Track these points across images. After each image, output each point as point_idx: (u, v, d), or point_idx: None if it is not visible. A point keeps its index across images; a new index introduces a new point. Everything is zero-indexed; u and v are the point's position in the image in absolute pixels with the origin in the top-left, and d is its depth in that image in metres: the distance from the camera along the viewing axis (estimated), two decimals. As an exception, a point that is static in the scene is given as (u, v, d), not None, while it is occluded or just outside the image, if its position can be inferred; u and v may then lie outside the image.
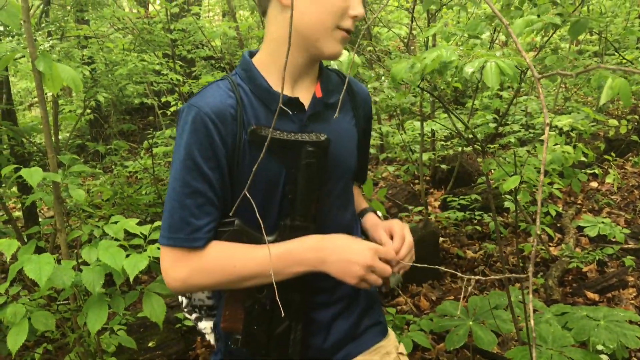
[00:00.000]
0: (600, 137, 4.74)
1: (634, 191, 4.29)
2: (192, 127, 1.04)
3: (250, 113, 1.08)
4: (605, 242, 3.50)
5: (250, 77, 1.11)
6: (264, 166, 1.06)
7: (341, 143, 1.16)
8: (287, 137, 1.08)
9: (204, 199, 1.05)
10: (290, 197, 1.10)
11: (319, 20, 1.05)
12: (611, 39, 6.69)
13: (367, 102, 1.31)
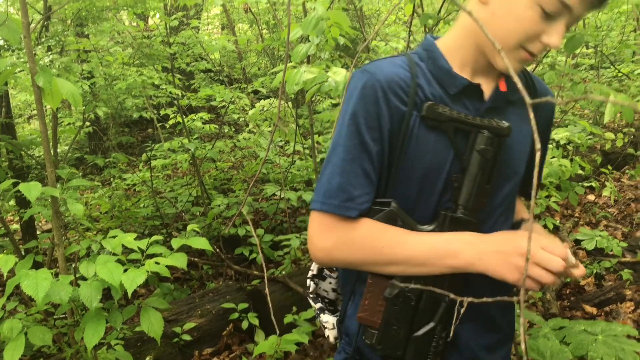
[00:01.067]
0: (597, 150, 4.76)
1: (631, 204, 4.30)
2: (361, 93, 0.99)
3: (425, 90, 1.01)
4: (603, 256, 3.50)
5: (431, 57, 1.04)
6: (431, 147, 1.00)
7: (516, 143, 1.07)
8: (464, 119, 1.00)
9: (362, 168, 0.99)
10: (456, 185, 1.01)
11: (505, 33, 0.96)
12: (607, 52, 6.75)
13: (549, 106, 1.19)
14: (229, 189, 4.85)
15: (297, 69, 1.95)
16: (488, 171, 1.00)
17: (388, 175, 1.02)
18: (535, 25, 0.93)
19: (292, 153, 4.28)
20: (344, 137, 0.99)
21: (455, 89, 1.01)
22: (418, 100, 1.00)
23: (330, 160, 1.01)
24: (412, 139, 0.99)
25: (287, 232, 3.88)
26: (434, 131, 0.99)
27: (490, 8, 0.96)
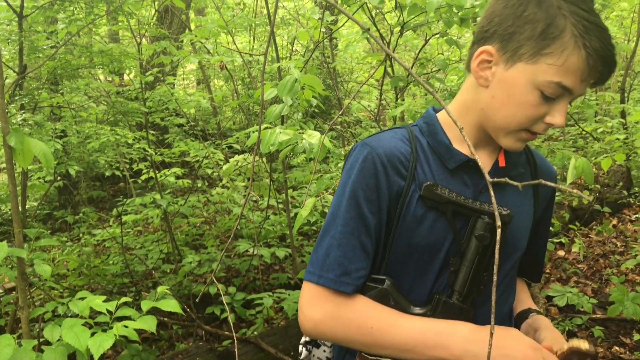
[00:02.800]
0: (565, 207, 4.87)
1: (600, 260, 4.37)
2: (361, 166, 0.99)
3: (423, 166, 1.02)
4: (574, 312, 3.53)
5: (431, 131, 1.06)
6: (428, 225, 0.99)
7: (517, 220, 1.05)
8: (464, 202, 0.99)
9: (360, 242, 0.99)
10: (452, 269, 0.99)
11: (506, 116, 0.96)
12: (571, 111, 7.01)
13: (550, 187, 1.16)
14: (201, 244, 4.79)
15: (273, 130, 1.98)
16: (486, 258, 0.98)
17: (384, 250, 1.02)
18: (536, 109, 0.93)
19: (265, 208, 4.28)
20: (343, 209, 1.00)
21: (454, 164, 1.02)
22: (417, 175, 1.01)
23: (328, 232, 1.01)
24: (409, 215, 0.99)
25: (260, 290, 3.83)
26: (432, 211, 0.99)
27: (490, 91, 0.97)
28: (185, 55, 4.23)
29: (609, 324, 3.43)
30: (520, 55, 0.91)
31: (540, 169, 1.14)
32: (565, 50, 0.88)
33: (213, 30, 4.26)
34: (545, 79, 0.90)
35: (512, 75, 0.93)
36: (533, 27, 0.90)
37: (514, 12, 0.92)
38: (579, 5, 0.89)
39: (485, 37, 0.96)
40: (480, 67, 0.96)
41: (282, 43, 8.53)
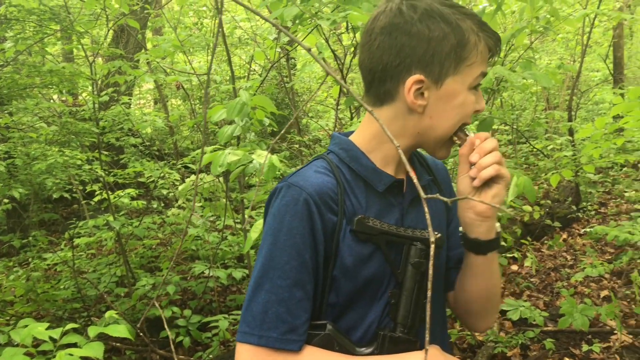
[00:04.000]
0: (517, 222, 4.99)
1: (551, 274, 4.50)
2: (294, 210, 0.93)
3: (350, 197, 0.98)
4: (527, 326, 3.60)
5: (353, 156, 1.02)
6: (365, 262, 0.96)
7: (439, 229, 1.07)
8: (396, 231, 0.97)
9: (303, 292, 0.92)
10: (393, 302, 0.97)
11: (448, 126, 0.99)
12: (522, 129, 7.25)
13: (447, 179, 1.20)
14: (156, 267, 4.69)
15: (222, 151, 1.97)
16: (425, 284, 0.97)
17: (322, 291, 0.97)
18: (472, 103, 0.99)
19: (222, 229, 4.23)
20: (279, 259, 0.92)
21: (383, 186, 1.01)
22: (346, 209, 0.97)
23: (263, 286, 0.92)
24: (344, 250, 0.96)
25: (216, 312, 3.77)
26: (367, 244, 0.97)
27: (427, 114, 0.98)
28: (140, 74, 4.19)
29: (560, 336, 3.51)
30: (446, 71, 0.95)
31: (434, 168, 1.17)
32: (477, 46, 0.96)
33: (168, 50, 4.24)
34: (473, 77, 0.97)
35: (446, 90, 0.96)
36: (447, 42, 0.94)
37: (423, 37, 0.93)
38: (457, 7, 0.96)
39: (400, 70, 0.96)
40: (415, 96, 0.96)
41: (240, 62, 8.54)
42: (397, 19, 0.94)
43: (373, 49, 0.97)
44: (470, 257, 1.06)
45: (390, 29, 0.95)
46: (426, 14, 0.93)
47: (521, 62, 2.48)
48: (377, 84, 0.99)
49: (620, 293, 4.06)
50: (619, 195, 6.23)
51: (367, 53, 0.98)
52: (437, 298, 1.09)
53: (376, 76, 0.98)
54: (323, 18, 2.74)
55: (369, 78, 1.00)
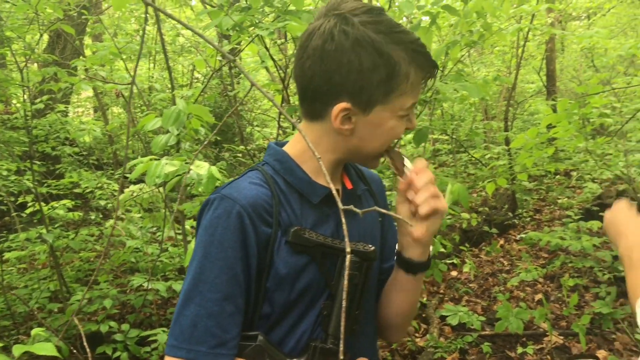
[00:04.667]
0: (456, 229, 5.13)
1: (489, 279, 4.63)
2: (226, 222, 0.91)
3: (286, 208, 0.98)
4: (466, 330, 3.69)
5: (287, 168, 1.02)
6: (300, 273, 0.96)
7: (373, 238, 1.09)
8: (331, 243, 0.97)
9: (234, 306, 0.92)
10: (325, 313, 0.97)
11: (379, 146, 1.00)
12: (461, 139, 7.47)
13: (381, 188, 1.22)
14: (94, 280, 4.53)
15: (158, 162, 1.93)
16: (357, 296, 0.98)
17: (255, 303, 0.97)
18: (402, 127, 1.00)
19: (161, 240, 4.14)
20: (210, 273, 0.91)
21: (317, 198, 1.01)
22: (282, 220, 0.97)
23: (192, 300, 0.91)
24: (279, 262, 0.95)
25: (156, 325, 3.67)
26: (302, 255, 0.97)
27: (356, 135, 0.99)
28: (76, 82, 4.06)
29: (497, 340, 3.62)
30: (375, 101, 0.95)
31: (369, 179, 1.19)
32: (409, 76, 0.96)
33: (106, 57, 4.13)
34: (403, 107, 0.97)
35: (373, 118, 0.97)
36: (377, 74, 0.93)
37: (353, 67, 0.93)
38: (394, 30, 0.94)
39: (329, 95, 0.96)
40: (342, 121, 0.97)
41: (183, 70, 8.42)
42: (329, 45, 0.93)
43: (305, 68, 0.97)
44: (400, 274, 1.08)
45: (321, 53, 0.94)
46: (357, 43, 0.92)
47: (453, 75, 2.55)
48: (309, 102, 1.01)
49: (553, 296, 4.23)
50: (552, 202, 6.51)
51: (300, 70, 0.99)
52: (369, 309, 1.10)
53: (307, 95, 1.00)
54: (262, 27, 2.75)
55: (301, 93, 1.01)
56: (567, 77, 9.55)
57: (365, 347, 1.07)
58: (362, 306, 1.01)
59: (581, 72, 9.42)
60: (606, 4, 8.95)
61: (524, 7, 4.70)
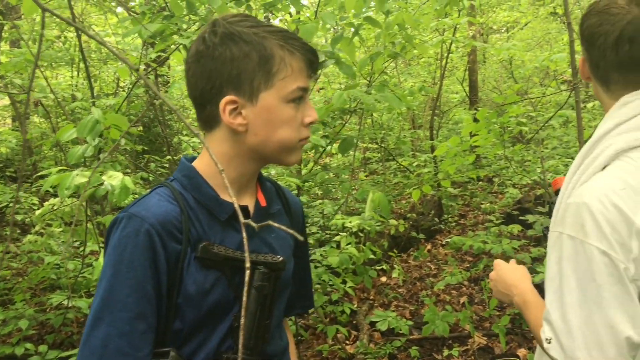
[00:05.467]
0: (385, 235, 5.23)
1: (417, 283, 4.75)
2: (135, 241, 0.92)
3: (195, 225, 0.99)
4: (394, 335, 3.76)
5: (194, 185, 1.02)
6: (210, 288, 0.97)
7: (283, 255, 1.10)
8: (240, 257, 0.99)
9: (146, 324, 0.92)
10: (236, 325, 1.00)
11: (280, 139, 1.01)
12: (390, 147, 7.65)
13: (300, 214, 1.25)
14: (10, 300, 4.28)
15: (68, 173, 1.86)
16: (267, 307, 1.01)
17: (167, 319, 0.97)
18: (295, 118, 1.01)
19: (84, 255, 3.97)
20: (120, 292, 0.92)
21: (226, 215, 1.02)
22: (191, 237, 0.98)
23: (103, 320, 0.91)
24: (189, 278, 0.97)
25: (77, 345, 3.51)
26: (211, 270, 0.98)
27: (252, 131, 1.00)
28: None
29: (424, 343, 3.71)
30: (258, 87, 0.98)
31: (289, 200, 1.23)
32: (285, 60, 0.99)
33: (20, 64, 3.95)
34: (288, 90, 0.99)
35: (262, 106, 0.99)
36: (250, 60, 0.97)
37: (226, 59, 0.97)
38: (262, 24, 1.00)
39: (214, 93, 0.99)
40: (232, 116, 0.99)
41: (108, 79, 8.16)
42: (201, 46, 0.99)
43: (189, 77, 1.01)
44: None
45: (197, 56, 0.99)
46: (225, 37, 0.98)
47: (376, 85, 2.62)
48: (200, 110, 1.03)
49: (477, 298, 4.39)
50: (476, 207, 6.77)
51: (187, 83, 1.03)
52: (278, 315, 1.13)
53: (197, 102, 1.02)
54: (185, 36, 2.71)
55: (195, 105, 1.04)
56: (488, 87, 10.01)
57: (277, 354, 1.11)
58: (273, 315, 1.04)
59: (501, 83, 9.90)
60: (523, 19, 9.48)
61: (446, 20, 4.89)
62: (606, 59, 1.08)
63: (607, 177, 1.01)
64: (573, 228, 0.99)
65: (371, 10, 3.01)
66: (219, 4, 2.82)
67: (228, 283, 0.99)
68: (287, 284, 1.14)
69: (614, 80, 1.11)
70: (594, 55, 1.10)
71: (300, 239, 0.81)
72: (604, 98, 1.15)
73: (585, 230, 0.97)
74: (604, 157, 1.05)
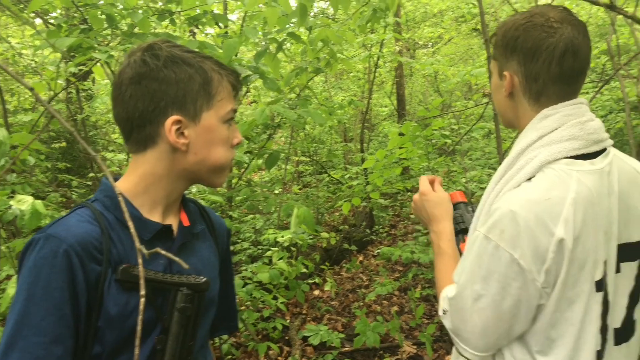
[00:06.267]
0: (318, 248, 5.25)
1: (349, 295, 4.78)
2: (52, 262, 0.90)
3: (117, 245, 0.98)
4: (327, 349, 3.76)
5: (117, 204, 1.00)
6: (131, 311, 0.95)
7: (207, 275, 1.09)
8: (162, 278, 0.99)
9: (62, 348, 0.90)
10: (159, 347, 0.98)
11: (216, 159, 1.05)
12: (322, 160, 7.71)
13: (224, 234, 1.27)
14: None
15: (-29, 196, 1.75)
16: (191, 328, 1.01)
17: (85, 343, 0.95)
18: (228, 139, 1.08)
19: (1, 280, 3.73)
20: (35, 316, 0.89)
21: (149, 234, 1.02)
22: (112, 258, 0.97)
23: (16, 345, 0.88)
24: (109, 301, 0.95)
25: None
26: (132, 292, 0.96)
27: (192, 150, 1.03)
28: None
29: (356, 355, 3.73)
30: (200, 107, 1.03)
31: (213, 221, 1.25)
32: (221, 83, 1.06)
33: None
34: (225, 111, 1.06)
35: (203, 126, 1.04)
36: (194, 81, 1.02)
37: (171, 80, 1.01)
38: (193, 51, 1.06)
39: (157, 114, 1.02)
40: (177, 135, 1.02)
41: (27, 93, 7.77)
42: (143, 69, 1.01)
43: (126, 99, 1.01)
44: None
45: (138, 78, 1.01)
46: (169, 60, 1.02)
47: (299, 101, 2.63)
48: (137, 131, 1.03)
49: (407, 307, 4.47)
50: (406, 217, 6.93)
51: (121, 105, 1.03)
52: (202, 336, 1.13)
53: (134, 124, 1.02)
54: (102, 50, 2.63)
55: (127, 127, 1.04)
56: (415, 100, 10.31)
57: None
58: (197, 336, 1.04)
59: (428, 96, 10.23)
60: (446, 35, 9.86)
61: (372, 36, 5.01)
62: (550, 71, 1.11)
63: (532, 187, 1.06)
64: (493, 232, 1.05)
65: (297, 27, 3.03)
66: (140, 18, 2.76)
67: (150, 305, 0.99)
68: (211, 304, 1.14)
69: (548, 93, 1.13)
70: (535, 68, 1.12)
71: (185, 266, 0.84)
72: (526, 111, 1.17)
73: (504, 236, 1.03)
74: (530, 169, 1.09)
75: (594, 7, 6.52)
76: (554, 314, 1.05)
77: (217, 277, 1.17)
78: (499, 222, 1.04)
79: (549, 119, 1.12)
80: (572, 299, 1.04)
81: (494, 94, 1.25)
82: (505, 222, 1.03)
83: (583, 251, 1.02)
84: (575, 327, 1.05)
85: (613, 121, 5.97)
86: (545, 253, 1.01)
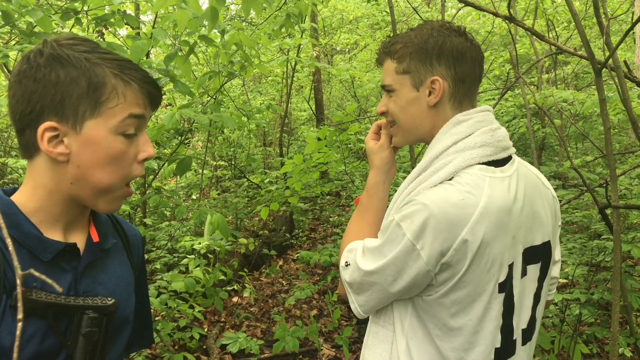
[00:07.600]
0: (237, 254, 5.18)
1: (269, 301, 4.75)
2: None
3: (12, 267, 0.85)
4: (246, 356, 3.72)
5: (13, 222, 0.90)
6: (29, 339, 0.87)
7: (120, 293, 1.02)
8: (64, 302, 0.90)
9: None
10: None
11: (104, 177, 0.93)
12: (241, 165, 7.64)
13: (139, 245, 1.18)
14: None
15: None
16: (98, 354, 0.94)
17: None
18: (126, 153, 0.94)
19: None
20: None
21: (50, 255, 0.92)
22: (7, 282, 0.86)
23: None
24: (4, 329, 0.85)
25: None
26: (31, 318, 0.87)
27: (73, 162, 0.91)
28: None
29: (276, 361, 3.71)
30: (83, 114, 0.91)
31: (128, 233, 1.16)
32: (117, 89, 0.93)
33: None
34: (118, 120, 0.92)
35: (87, 135, 0.91)
36: (77, 85, 0.90)
37: (49, 81, 0.89)
38: (98, 50, 0.94)
39: (32, 118, 0.91)
40: (52, 145, 0.90)
41: None
42: (24, 66, 0.90)
43: (10, 98, 0.92)
44: None
45: (19, 76, 0.91)
46: (52, 59, 0.90)
47: (212, 105, 2.58)
48: (19, 135, 0.93)
49: (326, 310, 4.50)
50: (325, 220, 6.99)
51: (8, 103, 0.93)
52: (116, 358, 1.06)
53: (16, 126, 0.92)
54: (-3, 50, 2.46)
55: (14, 129, 0.94)
56: (333, 105, 10.45)
57: None
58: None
59: (345, 101, 10.40)
60: (362, 41, 10.07)
61: (287, 40, 5.02)
62: (474, 73, 1.17)
63: (450, 188, 1.09)
64: (405, 221, 1.08)
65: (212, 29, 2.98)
66: (39, 16, 2.61)
67: (53, 331, 0.90)
68: (125, 324, 1.06)
69: (470, 96, 1.19)
70: (464, 70, 1.15)
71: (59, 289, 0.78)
72: (447, 118, 1.18)
73: (411, 227, 1.07)
74: (444, 173, 1.12)
75: (498, 19, 6.90)
76: (453, 306, 1.09)
77: (132, 293, 1.09)
78: (412, 213, 1.08)
79: (463, 125, 1.16)
80: (474, 297, 1.09)
81: (406, 110, 1.21)
82: (417, 215, 1.06)
83: (490, 255, 1.07)
84: (473, 322, 1.10)
85: (517, 126, 6.33)
86: (447, 250, 1.05)
